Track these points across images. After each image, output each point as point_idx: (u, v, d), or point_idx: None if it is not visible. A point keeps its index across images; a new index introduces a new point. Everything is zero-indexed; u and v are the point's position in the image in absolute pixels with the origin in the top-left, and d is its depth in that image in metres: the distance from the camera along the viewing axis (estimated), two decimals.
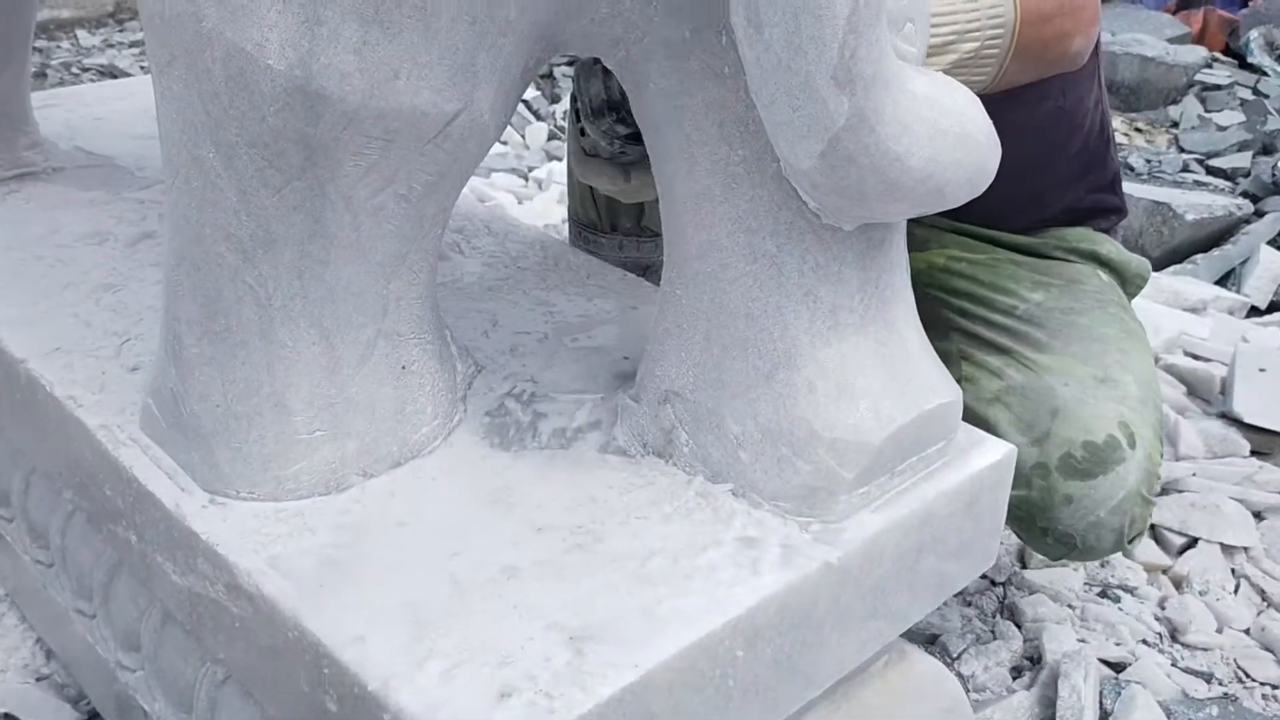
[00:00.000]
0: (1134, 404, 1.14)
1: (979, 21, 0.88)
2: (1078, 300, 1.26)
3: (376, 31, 0.65)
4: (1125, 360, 1.18)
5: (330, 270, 0.77)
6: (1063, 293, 1.27)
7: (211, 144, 0.70)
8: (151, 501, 0.84)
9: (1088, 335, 1.21)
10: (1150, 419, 1.15)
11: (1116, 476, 1.10)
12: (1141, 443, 1.12)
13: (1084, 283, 1.30)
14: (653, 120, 0.80)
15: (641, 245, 1.52)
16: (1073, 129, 1.30)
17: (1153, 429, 1.15)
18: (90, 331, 1.02)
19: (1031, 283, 1.29)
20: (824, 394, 0.81)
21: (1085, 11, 1.00)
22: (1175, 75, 3.45)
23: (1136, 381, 1.16)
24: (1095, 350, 1.19)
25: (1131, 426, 1.12)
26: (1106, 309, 1.26)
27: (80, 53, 3.90)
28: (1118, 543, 1.14)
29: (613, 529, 0.81)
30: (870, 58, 0.63)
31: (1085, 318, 1.23)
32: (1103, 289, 1.30)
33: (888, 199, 0.72)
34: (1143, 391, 1.16)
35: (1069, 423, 1.12)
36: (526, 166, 2.94)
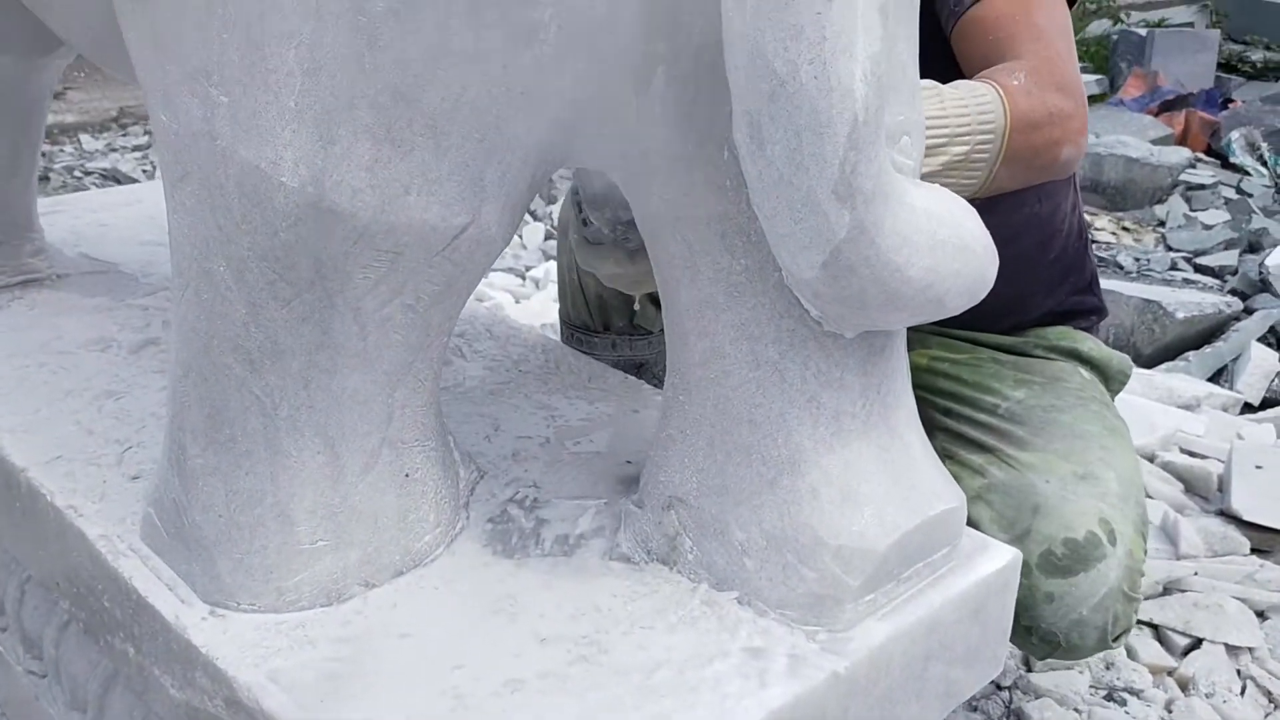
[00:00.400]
0: (1115, 501, 1.14)
1: (969, 125, 0.90)
2: (1059, 398, 1.27)
3: (388, 149, 0.67)
4: (1107, 457, 1.18)
5: (337, 380, 0.77)
6: (1044, 390, 1.28)
7: (223, 258, 0.71)
8: (151, 613, 0.83)
9: (1069, 432, 1.22)
10: (1131, 515, 1.14)
11: (1098, 573, 1.09)
12: (1122, 539, 1.11)
13: (1066, 380, 1.31)
14: (656, 230, 0.82)
15: (634, 344, 1.54)
16: (1051, 234, 1.32)
17: (1134, 525, 1.14)
18: (92, 439, 1.02)
19: (1014, 381, 1.30)
20: (828, 500, 0.81)
21: (1074, 121, 1.02)
22: (1160, 175, 3.52)
23: (1118, 478, 1.16)
24: (1077, 447, 1.19)
25: (1112, 523, 1.12)
26: (1088, 406, 1.26)
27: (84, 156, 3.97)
28: (1102, 640, 1.12)
29: (617, 639, 0.80)
30: (870, 173, 0.65)
31: (1067, 415, 1.24)
32: (1084, 386, 1.31)
33: (888, 308, 0.73)
34: (1124, 488, 1.16)
35: (1049, 520, 1.11)
36: (524, 266, 2.97)
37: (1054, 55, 1.03)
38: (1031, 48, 1.03)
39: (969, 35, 1.09)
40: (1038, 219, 1.30)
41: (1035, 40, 1.04)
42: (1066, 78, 1.02)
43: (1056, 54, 1.03)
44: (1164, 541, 1.72)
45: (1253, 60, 5.38)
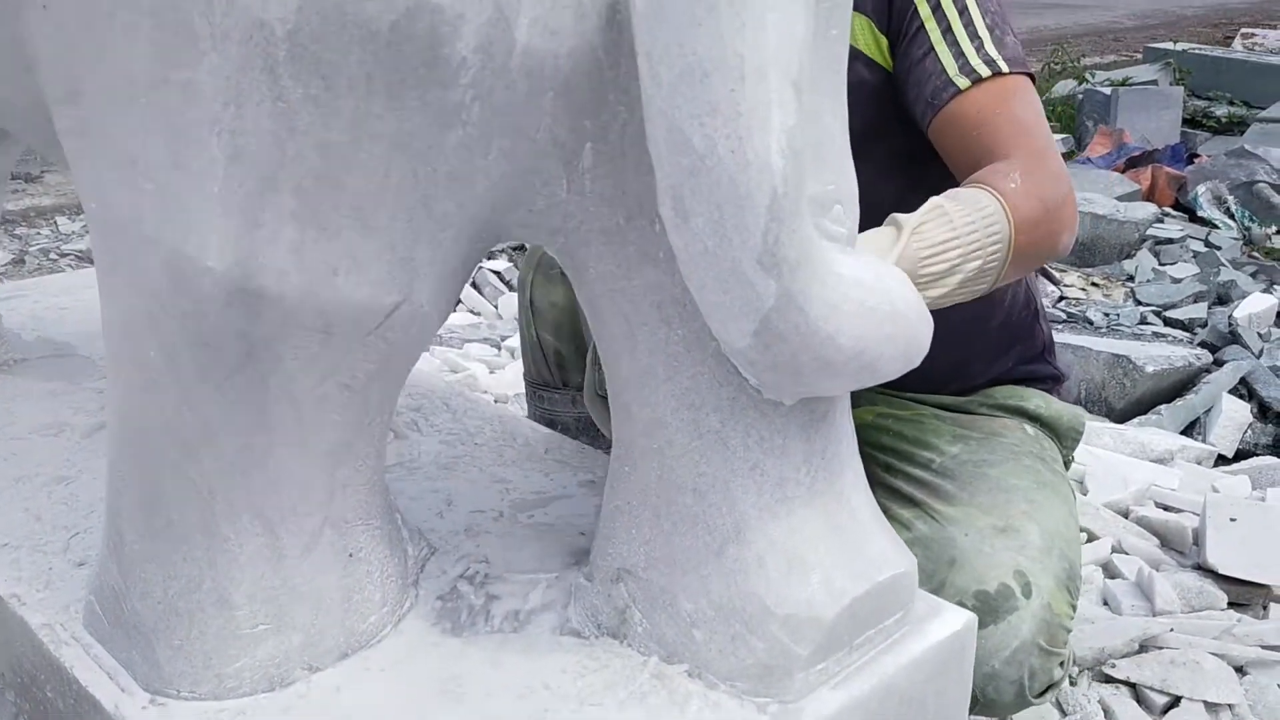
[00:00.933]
0: (1034, 553, 1.13)
1: (979, 241, 0.92)
2: (992, 452, 1.27)
3: (314, 232, 0.67)
4: (1032, 510, 1.18)
5: (274, 461, 0.77)
6: (980, 445, 1.29)
7: (154, 343, 0.71)
8: (91, 703, 0.81)
9: (996, 486, 1.21)
10: (1053, 568, 1.13)
11: (1009, 626, 1.08)
12: (1039, 592, 1.10)
13: (1004, 436, 1.31)
14: (594, 303, 0.82)
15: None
16: (993, 304, 1.32)
17: (1056, 579, 1.13)
18: (40, 525, 1.01)
19: (951, 436, 1.30)
20: (774, 569, 0.80)
21: (1067, 208, 1.04)
22: (1127, 231, 3.56)
23: (1041, 532, 1.15)
24: (1000, 500, 1.19)
25: (1028, 575, 1.11)
26: (1020, 460, 1.26)
27: (60, 238, 3.98)
28: (1020, 696, 1.11)
29: (566, 718, 0.79)
30: (794, 242, 0.65)
31: (996, 469, 1.24)
32: (1023, 442, 1.31)
33: (821, 375, 0.73)
34: (1046, 541, 1.15)
35: (963, 572, 1.11)
36: (500, 336, 2.97)
37: (1039, 148, 1.05)
38: (1017, 143, 1.05)
39: (950, 131, 1.11)
40: None
41: (1020, 134, 1.06)
42: (1055, 168, 1.04)
43: (1041, 146, 1.06)
44: (1140, 598, 1.70)
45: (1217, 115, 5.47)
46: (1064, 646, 1.13)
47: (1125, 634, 1.58)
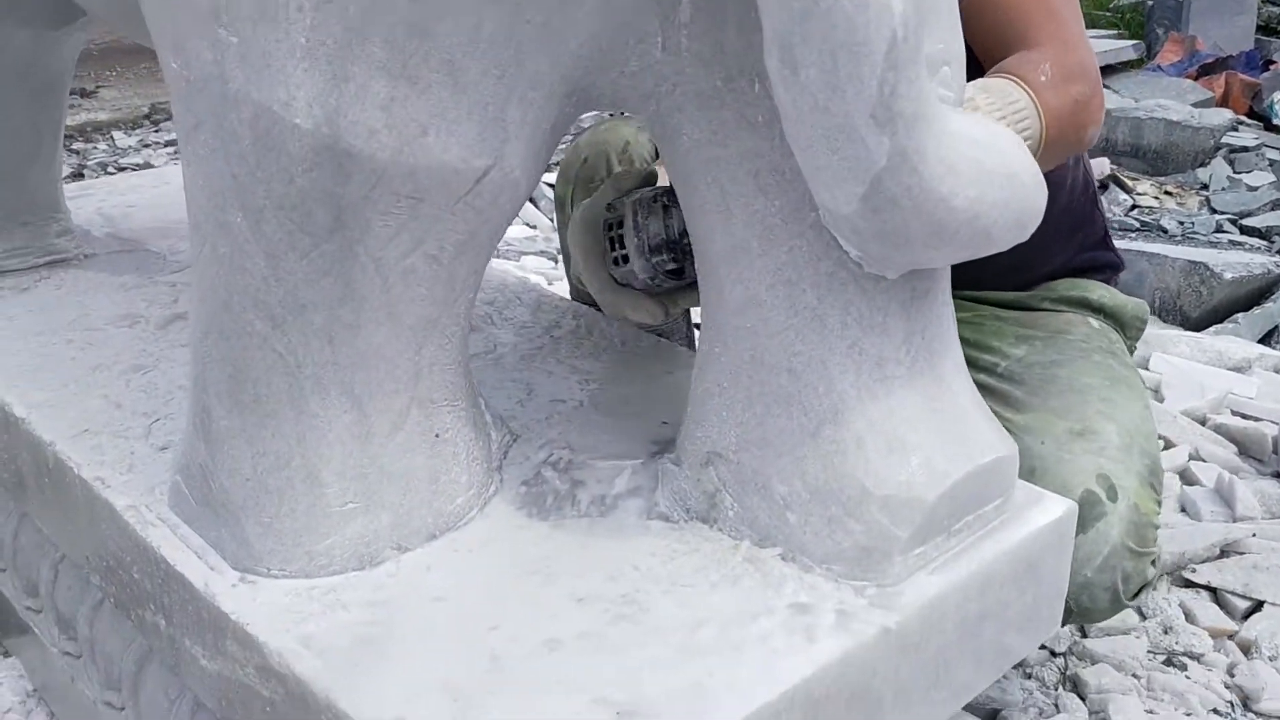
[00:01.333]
0: (1115, 453, 1.09)
1: None
2: (1060, 352, 1.23)
3: (404, 87, 0.64)
4: (1107, 409, 1.14)
5: (361, 336, 0.75)
6: (1046, 345, 1.24)
7: (239, 208, 0.69)
8: (180, 582, 0.81)
9: (1068, 388, 1.17)
10: (1136, 467, 1.09)
11: (1097, 533, 1.05)
12: (1124, 493, 1.07)
13: (1069, 332, 1.27)
14: (686, 174, 0.79)
15: None
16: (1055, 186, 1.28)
17: (1139, 477, 1.09)
18: (120, 413, 1.00)
19: (1015, 337, 1.26)
20: (874, 450, 0.78)
21: (1095, 101, 1.00)
22: (1202, 138, 3.44)
23: (1119, 430, 1.12)
24: (1074, 402, 1.15)
25: (1112, 478, 1.07)
26: (1090, 358, 1.22)
27: (116, 153, 3.99)
28: (1115, 601, 1.08)
29: (657, 598, 0.77)
30: (910, 94, 0.61)
31: (1066, 369, 1.20)
32: (1090, 336, 1.27)
33: (932, 243, 0.69)
34: (1125, 440, 1.11)
35: (1044, 482, 1.07)
36: (556, 249, 2.95)
37: (1070, 39, 1.02)
38: (1048, 30, 1.01)
39: (981, 9, 1.06)
40: None
41: (1050, 22, 1.02)
42: (1084, 62, 1.00)
43: (1072, 36, 1.02)
44: (1219, 504, 1.67)
45: None
46: (1154, 545, 1.10)
47: (1206, 539, 1.55)
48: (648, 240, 1.00)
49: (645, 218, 1.00)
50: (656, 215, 1.00)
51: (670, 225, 0.99)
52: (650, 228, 1.00)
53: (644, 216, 1.00)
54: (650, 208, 1.00)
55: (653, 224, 1.00)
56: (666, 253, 1.00)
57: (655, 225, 0.99)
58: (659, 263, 1.00)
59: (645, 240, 1.00)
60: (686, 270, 1.00)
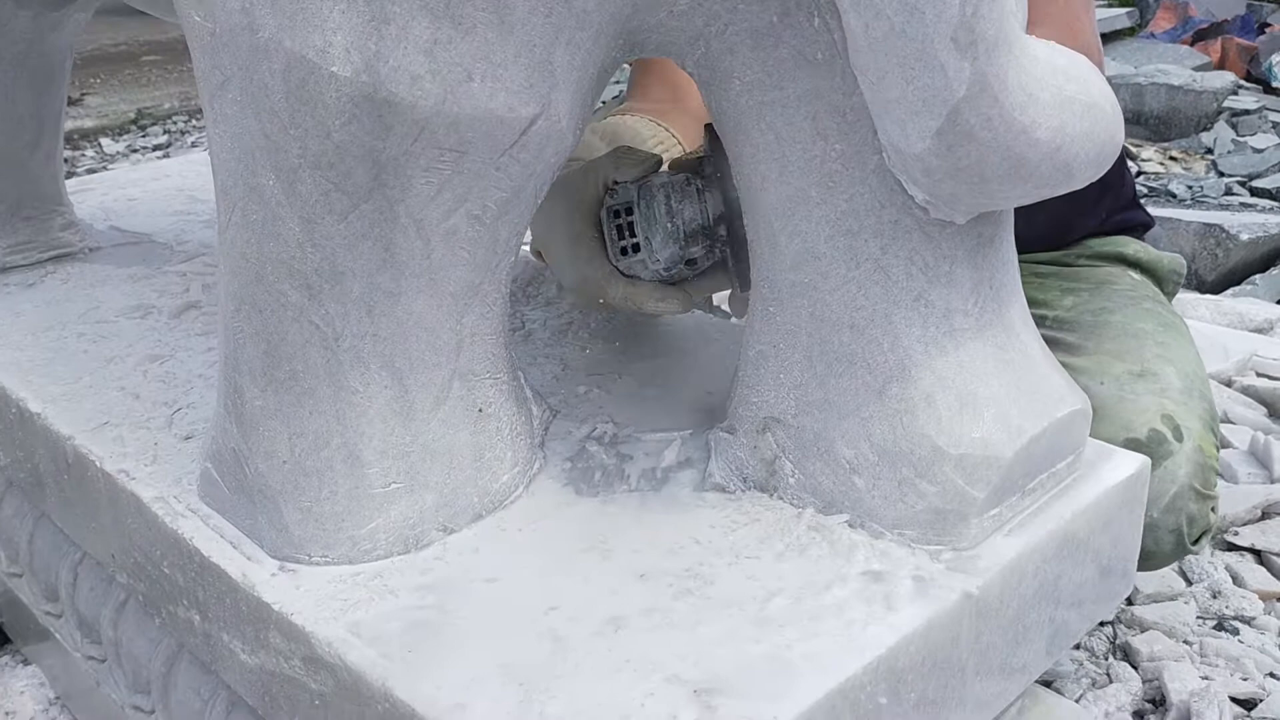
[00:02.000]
0: (1177, 395, 1.07)
1: None
2: (1109, 300, 1.21)
3: (448, 28, 0.60)
4: (1165, 352, 1.11)
5: (401, 304, 0.70)
6: (1093, 295, 1.22)
7: (271, 170, 0.65)
8: (215, 574, 0.77)
9: (1122, 332, 1.15)
10: (1197, 410, 1.07)
11: (1165, 472, 1.02)
12: (1189, 435, 1.04)
13: (1114, 283, 1.25)
14: (737, 120, 0.74)
15: None
16: None
17: (1201, 420, 1.07)
18: (139, 403, 0.96)
19: (1060, 290, 1.23)
20: (945, 407, 0.74)
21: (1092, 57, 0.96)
22: (1204, 102, 3.40)
23: (1179, 373, 1.09)
24: (1131, 346, 1.13)
25: (1176, 418, 1.05)
26: (1140, 304, 1.20)
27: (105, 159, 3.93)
28: (1179, 544, 1.05)
29: (722, 571, 0.73)
30: (994, 15, 0.57)
31: (1118, 315, 1.18)
32: (1135, 286, 1.25)
33: (1011, 179, 0.65)
34: (1186, 383, 1.09)
35: (1108, 422, 1.04)
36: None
37: (1074, 24, 0.99)
38: (1052, 12, 0.97)
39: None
40: None
41: (1055, 3, 0.98)
42: (1086, 42, 0.98)
43: (1077, 22, 1.00)
44: (1255, 465, 1.63)
45: None
46: (1215, 489, 1.07)
47: (1247, 500, 1.51)
48: (683, 228, 0.91)
49: (679, 203, 0.91)
50: (692, 200, 0.91)
51: (705, 209, 0.91)
52: (685, 213, 0.91)
53: (677, 201, 0.91)
54: (684, 191, 0.91)
55: (687, 209, 0.91)
56: (702, 240, 0.92)
57: (690, 210, 0.91)
58: (689, 252, 0.92)
59: (680, 228, 0.91)
60: (701, 261, 0.94)
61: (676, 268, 0.94)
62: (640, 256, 0.93)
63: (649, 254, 0.93)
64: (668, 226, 0.91)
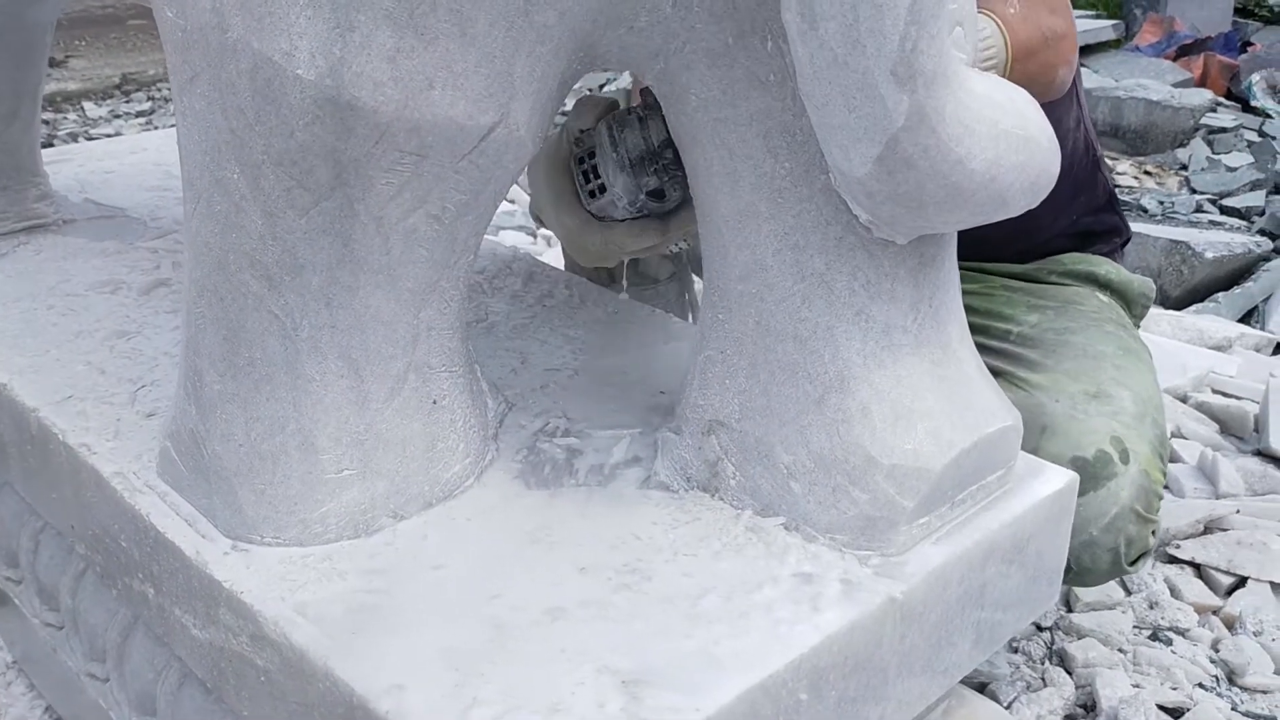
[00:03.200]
0: (1128, 419, 1.10)
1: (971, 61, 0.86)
2: (1073, 320, 1.24)
3: (411, 38, 0.62)
4: (1121, 376, 1.15)
5: (359, 298, 0.73)
6: (1058, 314, 1.25)
7: (236, 164, 0.67)
8: (170, 550, 0.79)
9: (1082, 353, 1.18)
10: (1148, 435, 1.10)
11: (1108, 493, 1.05)
12: (1136, 458, 1.07)
13: (1080, 304, 1.27)
14: (693, 135, 0.77)
15: (643, 294, 1.49)
16: None
17: (1150, 445, 1.10)
18: (104, 379, 0.98)
19: (1027, 306, 1.26)
20: (880, 418, 0.77)
21: (1067, 41, 0.99)
22: (1182, 118, 3.45)
23: (1133, 397, 1.12)
24: (1088, 367, 1.16)
25: (1125, 441, 1.08)
26: (1103, 327, 1.23)
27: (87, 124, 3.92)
28: (1115, 563, 1.08)
29: (660, 567, 0.76)
30: (932, 51, 0.60)
31: (1080, 336, 1.20)
32: (1100, 309, 1.27)
33: (948, 206, 0.68)
34: (1139, 407, 1.12)
35: (1057, 439, 1.07)
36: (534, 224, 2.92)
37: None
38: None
39: None
40: None
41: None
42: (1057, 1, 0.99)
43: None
44: (1202, 481, 1.68)
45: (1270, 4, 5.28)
46: (1157, 514, 1.10)
47: (1190, 515, 1.56)
48: (627, 155, 0.94)
49: (620, 131, 0.94)
50: (633, 127, 0.94)
51: (649, 136, 0.93)
52: (628, 141, 0.94)
53: (619, 130, 0.94)
54: (625, 120, 0.94)
55: (629, 137, 0.94)
56: (650, 165, 0.94)
57: (633, 138, 0.94)
58: (643, 181, 0.95)
59: (625, 156, 0.94)
60: (668, 192, 0.95)
61: (640, 199, 0.96)
62: (609, 197, 0.97)
63: (611, 191, 0.96)
64: (613, 157, 0.94)
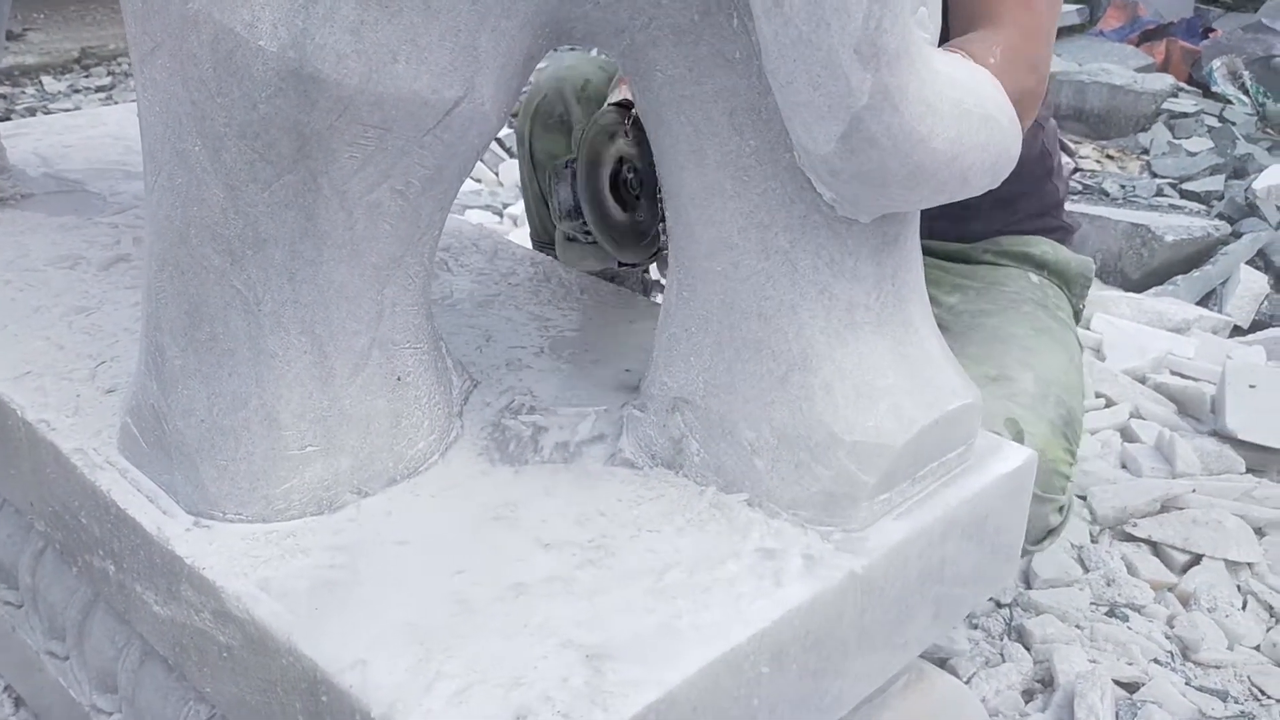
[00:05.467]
0: (1027, 400, 1.11)
1: None
2: (992, 301, 1.25)
3: (375, 10, 0.62)
4: (1027, 358, 1.15)
5: (323, 272, 0.72)
6: (979, 295, 1.26)
7: (198, 136, 0.66)
8: (131, 526, 0.78)
9: (992, 336, 1.19)
10: (1048, 415, 1.11)
11: None
12: (1031, 439, 1.07)
13: (1004, 285, 1.28)
14: (659, 112, 0.77)
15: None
16: None
17: (1050, 425, 1.10)
18: (63, 354, 0.97)
19: (950, 286, 1.27)
20: (842, 396, 0.77)
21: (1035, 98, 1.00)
22: (1144, 103, 3.48)
23: (1036, 379, 1.13)
24: (995, 350, 1.17)
25: (1021, 424, 1.08)
26: (1020, 308, 1.23)
27: (45, 98, 3.85)
28: None
29: (624, 543, 0.77)
30: (896, 30, 0.60)
31: (994, 319, 1.21)
32: (1024, 289, 1.28)
33: (910, 184, 0.68)
34: (1041, 388, 1.12)
35: None
36: (501, 203, 2.90)
37: (1035, 30, 0.99)
38: (1017, 16, 0.98)
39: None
40: None
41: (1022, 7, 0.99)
42: (1039, 55, 0.99)
43: (1038, 29, 1.00)
44: (1159, 461, 1.70)
45: None
46: (1061, 493, 1.11)
47: (1147, 494, 1.58)
48: (559, 207, 1.09)
49: (557, 184, 1.08)
50: (565, 183, 1.07)
51: (575, 194, 1.06)
52: (560, 194, 1.08)
53: (555, 183, 1.08)
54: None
55: (561, 191, 1.07)
56: (576, 218, 1.07)
57: (564, 193, 1.07)
58: (577, 227, 1.08)
59: (559, 206, 1.09)
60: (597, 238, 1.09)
61: (586, 235, 1.09)
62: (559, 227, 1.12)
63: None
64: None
